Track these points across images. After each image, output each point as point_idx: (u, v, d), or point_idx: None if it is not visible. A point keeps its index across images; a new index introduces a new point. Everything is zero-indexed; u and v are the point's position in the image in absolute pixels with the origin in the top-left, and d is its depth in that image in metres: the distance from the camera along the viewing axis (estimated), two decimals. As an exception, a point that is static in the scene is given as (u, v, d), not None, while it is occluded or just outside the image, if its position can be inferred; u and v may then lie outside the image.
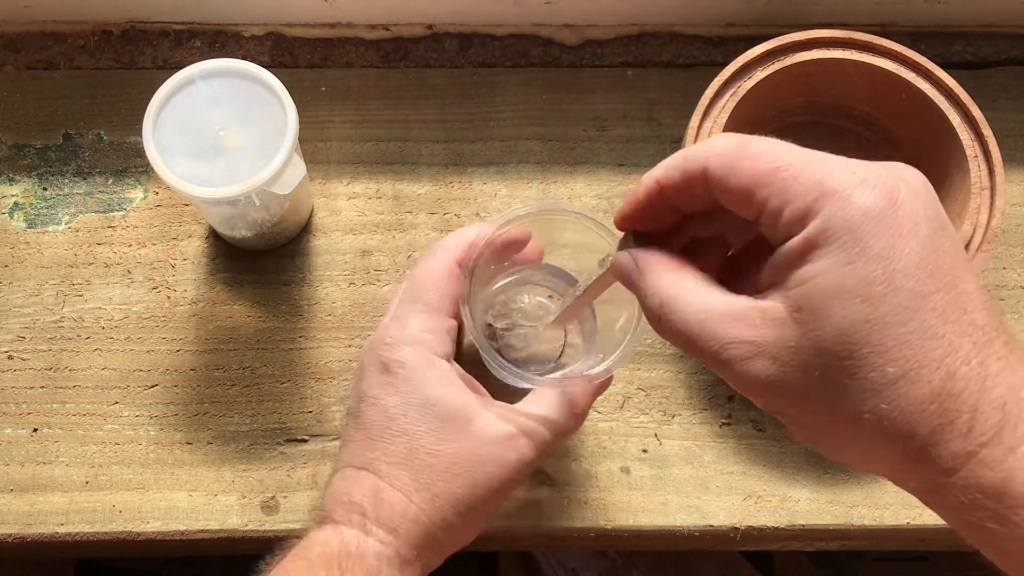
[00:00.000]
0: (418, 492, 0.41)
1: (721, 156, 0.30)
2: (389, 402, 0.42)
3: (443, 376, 0.42)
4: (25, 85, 0.61)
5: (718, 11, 0.61)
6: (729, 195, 0.30)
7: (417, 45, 0.62)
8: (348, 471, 0.43)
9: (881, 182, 0.28)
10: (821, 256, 0.28)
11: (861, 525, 0.52)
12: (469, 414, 0.42)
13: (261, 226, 0.54)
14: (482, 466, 0.41)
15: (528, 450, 0.42)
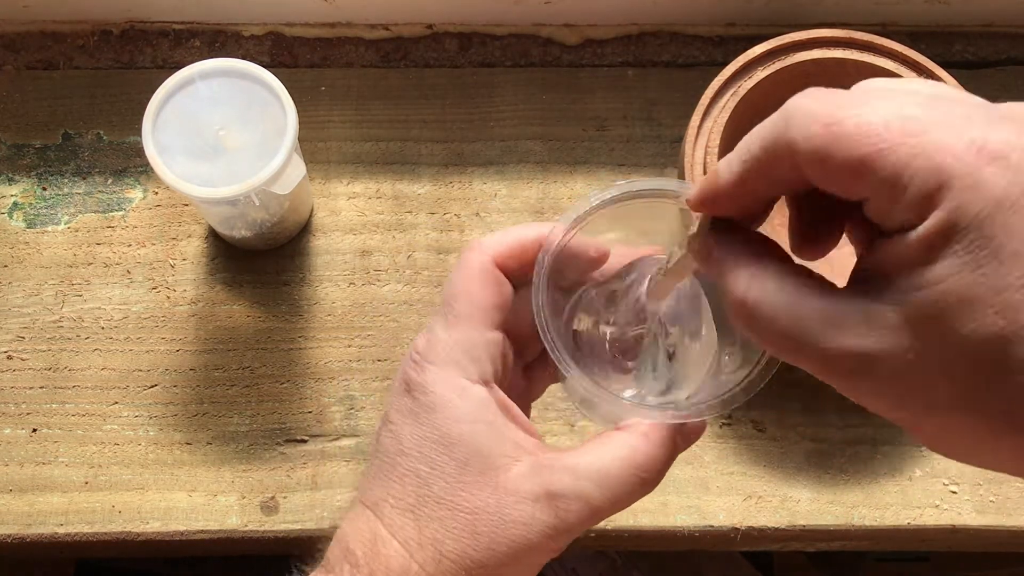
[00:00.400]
0: (421, 549, 0.34)
1: (808, 139, 0.25)
2: (405, 433, 0.35)
3: (474, 409, 0.34)
4: (24, 85, 0.61)
5: (718, 11, 0.61)
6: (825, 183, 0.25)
7: (417, 45, 0.62)
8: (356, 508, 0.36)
9: (1016, 157, 0.23)
10: (946, 256, 0.23)
11: (861, 525, 0.52)
12: (500, 461, 0.34)
13: (261, 226, 0.54)
14: (506, 528, 0.33)
15: (570, 515, 0.33)
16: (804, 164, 0.25)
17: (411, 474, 0.34)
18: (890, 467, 0.53)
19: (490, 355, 0.35)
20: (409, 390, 0.35)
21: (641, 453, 0.34)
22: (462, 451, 0.34)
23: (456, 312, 0.35)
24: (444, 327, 0.35)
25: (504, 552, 0.33)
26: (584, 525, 0.34)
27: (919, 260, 0.24)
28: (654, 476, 0.34)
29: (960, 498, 0.52)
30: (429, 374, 0.35)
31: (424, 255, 0.57)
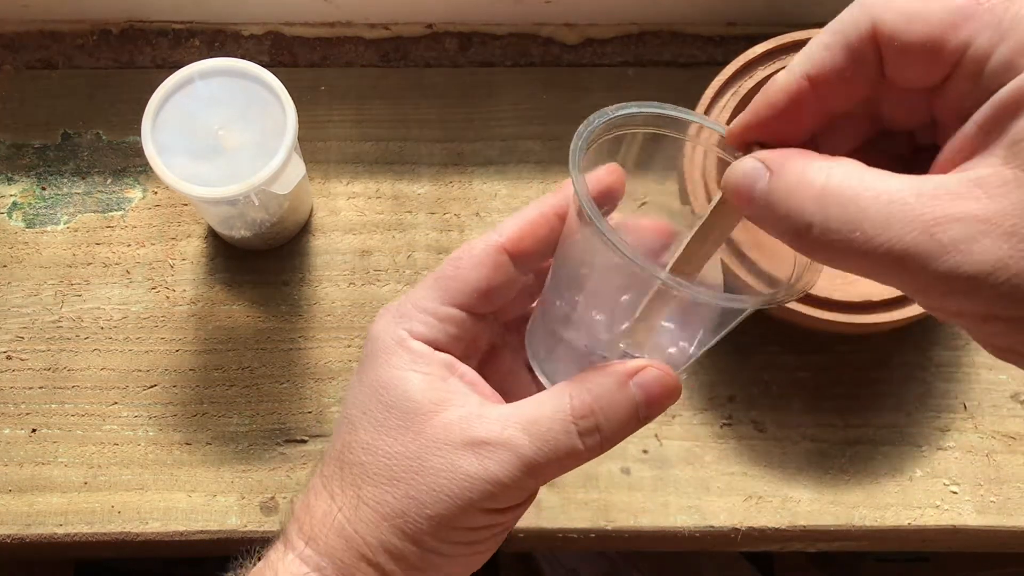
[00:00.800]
0: (343, 493, 0.32)
1: (895, 6, 0.22)
2: (352, 382, 0.34)
3: (411, 359, 0.33)
4: (24, 84, 0.60)
5: (719, 10, 0.61)
6: (909, 52, 0.23)
7: (417, 44, 0.62)
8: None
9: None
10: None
11: (862, 526, 0.52)
12: (429, 407, 0.32)
13: (260, 226, 0.53)
14: (426, 475, 0.31)
15: (496, 466, 0.30)
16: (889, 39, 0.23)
17: (346, 420, 0.33)
18: (891, 467, 0.53)
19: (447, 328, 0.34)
20: (366, 341, 0.35)
21: (577, 398, 0.31)
22: (391, 395, 0.32)
23: (436, 277, 0.34)
24: (419, 287, 0.34)
25: (425, 502, 0.31)
26: (515, 479, 0.31)
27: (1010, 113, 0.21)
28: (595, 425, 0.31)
29: (961, 498, 0.52)
30: (379, 324, 0.34)
31: (424, 255, 0.57)
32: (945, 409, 0.54)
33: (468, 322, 0.34)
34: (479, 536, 0.32)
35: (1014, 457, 0.53)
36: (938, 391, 0.54)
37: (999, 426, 0.54)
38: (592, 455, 0.31)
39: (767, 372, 0.54)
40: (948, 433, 0.53)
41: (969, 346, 0.55)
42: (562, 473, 0.31)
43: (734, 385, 0.54)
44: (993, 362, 0.54)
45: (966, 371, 0.55)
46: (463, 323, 0.34)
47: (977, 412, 0.54)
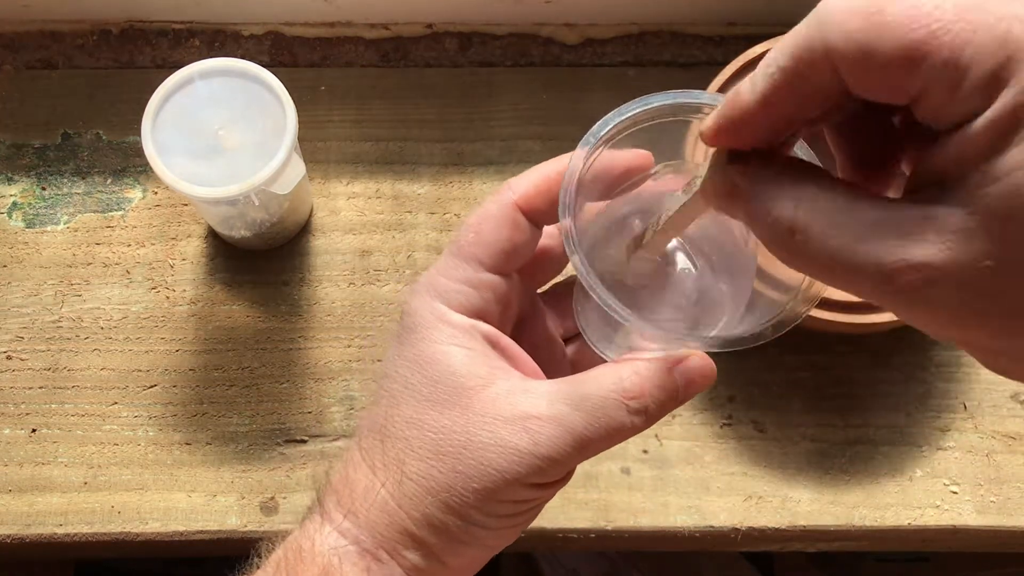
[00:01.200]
0: (385, 469, 0.32)
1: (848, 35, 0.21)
2: (388, 356, 0.34)
3: (453, 333, 0.33)
4: (24, 84, 0.60)
5: (719, 10, 0.61)
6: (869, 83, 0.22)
7: (417, 44, 0.62)
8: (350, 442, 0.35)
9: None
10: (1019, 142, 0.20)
11: (862, 526, 0.52)
12: (475, 382, 0.32)
13: (260, 226, 0.53)
14: (476, 450, 0.31)
15: (547, 441, 0.31)
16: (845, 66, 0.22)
17: (386, 394, 0.33)
18: (891, 467, 0.53)
19: (483, 294, 0.34)
20: (400, 316, 0.34)
21: (630, 381, 0.31)
22: (435, 370, 0.32)
23: (459, 246, 0.34)
24: (444, 259, 0.34)
25: (471, 476, 0.31)
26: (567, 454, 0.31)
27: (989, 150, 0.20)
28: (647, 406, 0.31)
29: (961, 498, 0.52)
30: (416, 299, 0.34)
31: (424, 255, 0.57)
32: (945, 409, 0.54)
33: (502, 285, 0.34)
34: (520, 509, 0.33)
35: (1014, 457, 0.53)
36: (938, 391, 0.54)
37: (999, 426, 0.54)
38: (637, 432, 0.32)
39: (767, 372, 0.54)
40: (948, 433, 0.53)
41: (969, 346, 0.55)
42: (607, 448, 0.32)
43: (734, 385, 0.54)
44: (993, 362, 0.54)
45: (966, 371, 0.55)
46: (497, 286, 0.34)
47: (977, 412, 0.54)
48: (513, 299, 0.35)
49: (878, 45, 0.21)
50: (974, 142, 0.21)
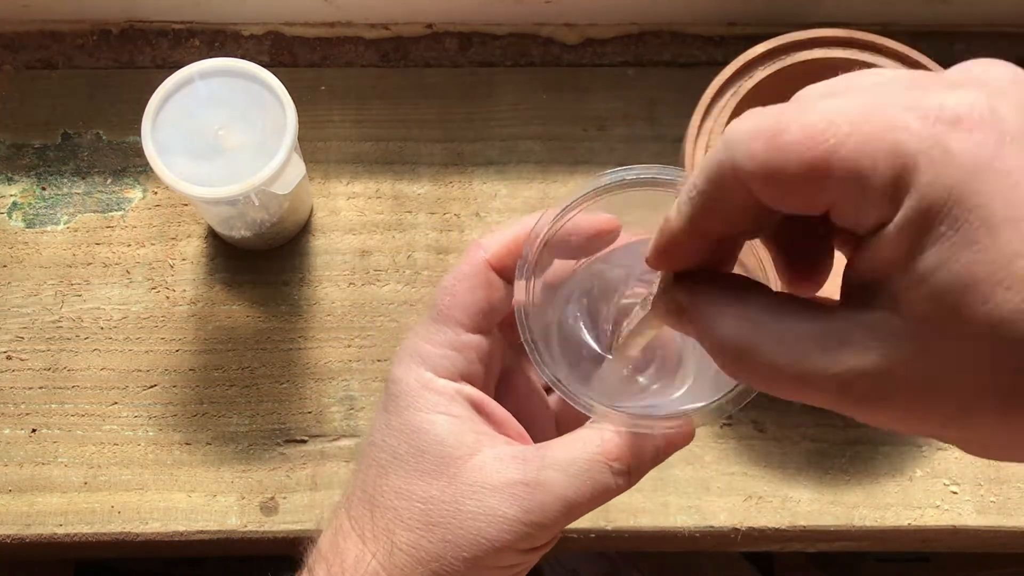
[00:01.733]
0: (375, 540, 0.32)
1: (753, 158, 0.22)
2: (375, 424, 0.35)
3: (438, 401, 0.33)
4: (24, 84, 0.60)
5: (719, 10, 0.61)
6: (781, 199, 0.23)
7: (417, 44, 0.62)
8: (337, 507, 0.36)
9: (978, 115, 0.20)
10: (933, 242, 0.20)
11: (862, 526, 0.52)
12: (462, 451, 0.32)
13: (260, 226, 0.53)
14: (465, 520, 0.31)
15: (536, 507, 0.31)
16: (755, 186, 0.22)
17: (374, 464, 0.34)
18: (891, 467, 0.53)
19: (466, 355, 0.34)
20: (386, 383, 0.35)
21: (613, 444, 0.32)
22: (422, 439, 0.33)
23: (439, 310, 0.35)
24: (424, 324, 0.35)
25: (461, 545, 0.31)
26: (555, 519, 0.32)
27: (905, 254, 0.21)
28: (629, 468, 0.32)
29: (961, 498, 0.52)
30: (400, 368, 0.34)
31: (424, 255, 0.57)
32: (945, 409, 0.54)
33: (483, 344, 0.35)
34: (507, 574, 0.33)
35: (1014, 457, 0.53)
36: (938, 391, 0.54)
37: (999, 426, 0.53)
38: (621, 492, 0.33)
39: (767, 372, 0.54)
40: (948, 433, 0.53)
41: (969, 346, 0.55)
42: (592, 510, 0.33)
43: (734, 385, 0.54)
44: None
45: (966, 371, 0.54)
46: (479, 346, 0.35)
47: (977, 412, 0.54)
48: (496, 355, 0.36)
49: (782, 166, 0.21)
50: (891, 247, 0.21)
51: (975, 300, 0.20)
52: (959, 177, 0.20)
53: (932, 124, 0.20)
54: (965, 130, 0.20)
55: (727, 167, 0.23)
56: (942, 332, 0.21)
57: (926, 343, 0.21)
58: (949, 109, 0.20)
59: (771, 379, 0.24)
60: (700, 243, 0.25)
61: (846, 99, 0.22)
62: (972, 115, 0.20)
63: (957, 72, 0.22)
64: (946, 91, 0.21)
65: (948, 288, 0.20)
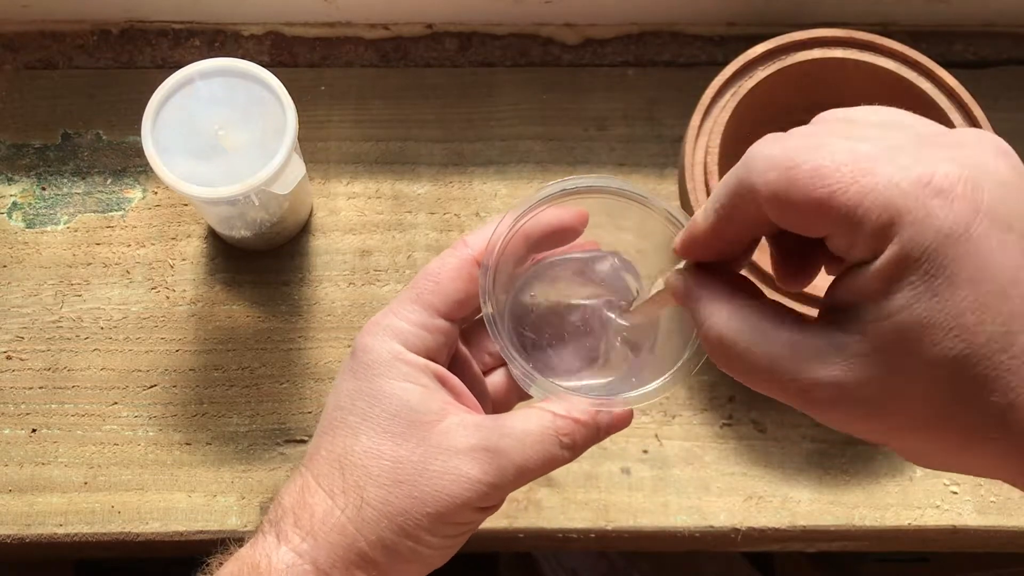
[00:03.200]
0: (344, 495, 0.35)
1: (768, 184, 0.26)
2: (343, 389, 0.37)
3: (409, 371, 0.36)
4: (24, 84, 0.60)
5: (719, 10, 0.61)
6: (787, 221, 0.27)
7: (417, 44, 0.62)
8: (295, 470, 0.38)
9: (961, 188, 0.24)
10: (903, 288, 0.25)
11: (862, 526, 0.52)
12: (429, 416, 0.36)
13: (260, 226, 0.53)
14: (430, 478, 0.35)
15: (494, 470, 0.35)
16: (766, 207, 0.27)
17: (343, 425, 0.36)
18: (891, 467, 0.53)
19: (432, 337, 0.37)
20: (354, 352, 0.37)
21: (563, 420, 0.36)
22: (392, 404, 0.36)
23: (418, 292, 0.38)
24: (400, 302, 0.38)
25: (426, 501, 0.34)
26: (509, 481, 0.36)
27: (879, 291, 0.25)
28: (576, 441, 0.37)
29: (961, 498, 0.52)
30: (373, 338, 0.37)
31: (424, 255, 0.57)
32: (945, 409, 0.54)
33: (451, 330, 0.38)
34: (462, 530, 0.37)
35: (1014, 457, 0.53)
36: (938, 391, 0.54)
37: (999, 426, 0.53)
38: (566, 463, 0.37)
39: (767, 372, 0.54)
40: (948, 433, 0.53)
41: (969, 346, 0.55)
42: (540, 476, 0.37)
43: (734, 385, 0.54)
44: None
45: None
46: (448, 332, 0.38)
47: (977, 412, 0.54)
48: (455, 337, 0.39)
49: (791, 196, 0.26)
50: (869, 283, 0.25)
51: (929, 341, 0.24)
52: (936, 239, 0.24)
53: (922, 189, 0.24)
54: (948, 200, 0.24)
55: (745, 187, 0.27)
56: (898, 361, 0.25)
57: (883, 368, 0.25)
58: (938, 179, 0.24)
59: (745, 372, 0.28)
60: (720, 241, 0.30)
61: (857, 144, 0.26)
62: (956, 187, 0.24)
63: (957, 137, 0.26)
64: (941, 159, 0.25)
65: (909, 327, 0.25)
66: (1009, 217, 0.25)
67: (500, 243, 0.37)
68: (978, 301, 0.24)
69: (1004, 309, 0.24)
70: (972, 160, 0.25)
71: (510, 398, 0.42)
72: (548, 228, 0.38)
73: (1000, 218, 0.24)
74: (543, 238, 0.38)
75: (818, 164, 0.25)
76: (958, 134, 0.27)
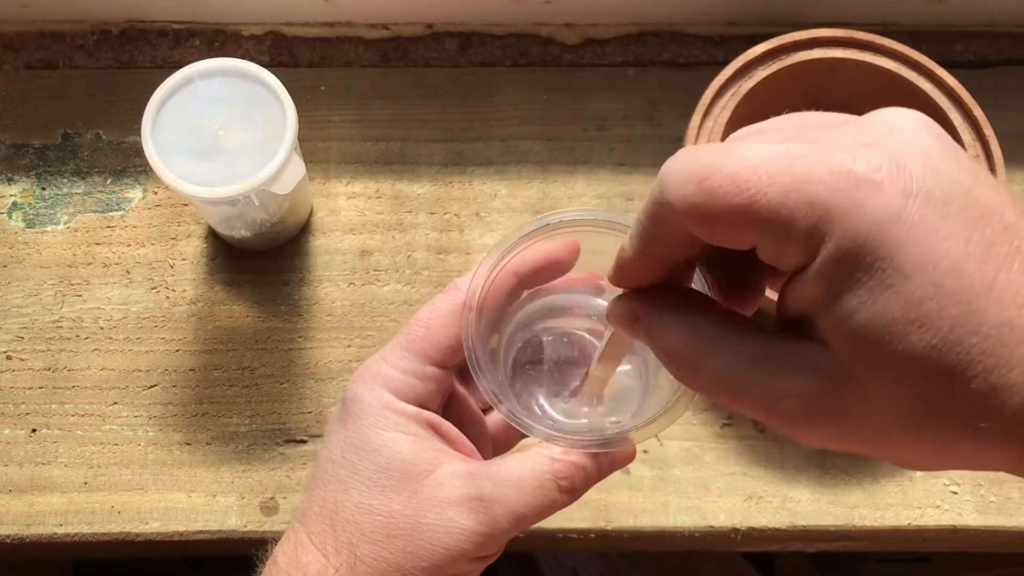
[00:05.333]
0: (337, 553, 0.34)
1: (684, 199, 0.24)
2: (333, 441, 0.36)
3: (399, 421, 0.36)
4: (24, 84, 0.60)
5: (719, 10, 0.61)
6: (711, 235, 0.25)
7: (417, 44, 0.62)
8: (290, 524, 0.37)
9: (887, 171, 0.23)
10: (851, 286, 0.23)
11: (862, 526, 0.52)
12: (420, 467, 0.35)
13: (260, 226, 0.53)
14: (425, 531, 0.34)
15: (488, 520, 0.34)
16: (688, 223, 0.25)
17: (334, 479, 0.35)
18: (891, 467, 0.53)
19: (427, 385, 0.36)
20: (344, 401, 0.37)
21: (560, 463, 0.35)
22: (382, 456, 0.35)
23: (409, 339, 0.37)
24: (392, 349, 0.37)
25: (420, 555, 0.34)
26: (506, 530, 0.34)
27: (826, 296, 0.23)
28: (575, 484, 0.35)
29: (961, 498, 0.52)
30: (362, 387, 0.36)
31: (424, 255, 0.57)
32: (945, 409, 0.54)
33: (444, 377, 0.37)
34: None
35: (1014, 457, 0.53)
36: (938, 391, 0.54)
37: (999, 426, 0.53)
38: (565, 506, 0.35)
39: (767, 372, 0.54)
40: (948, 433, 0.53)
41: (969, 346, 0.55)
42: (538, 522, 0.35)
43: (734, 385, 0.54)
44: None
45: (966, 371, 0.54)
46: (440, 379, 0.37)
47: (977, 412, 0.54)
48: (448, 381, 0.38)
49: (709, 208, 0.24)
50: (811, 288, 0.24)
51: (892, 339, 0.23)
52: (870, 229, 0.22)
53: (845, 179, 0.23)
54: (875, 185, 0.22)
55: (662, 204, 0.25)
56: (863, 367, 0.23)
57: (849, 376, 0.24)
58: (860, 166, 0.23)
59: (710, 388, 0.27)
60: (652, 265, 0.28)
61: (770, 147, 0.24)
62: (881, 171, 0.22)
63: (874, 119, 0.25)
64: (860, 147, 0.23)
65: (867, 328, 0.23)
66: (943, 190, 0.23)
67: (484, 283, 0.36)
68: (935, 286, 0.22)
69: (963, 288, 0.22)
70: (893, 141, 0.24)
71: (512, 434, 0.41)
72: (537, 263, 0.36)
73: (935, 194, 0.23)
74: (533, 273, 0.37)
75: (733, 170, 0.24)
76: (871, 117, 0.25)
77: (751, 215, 0.23)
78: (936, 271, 0.22)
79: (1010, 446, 0.24)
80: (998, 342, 0.22)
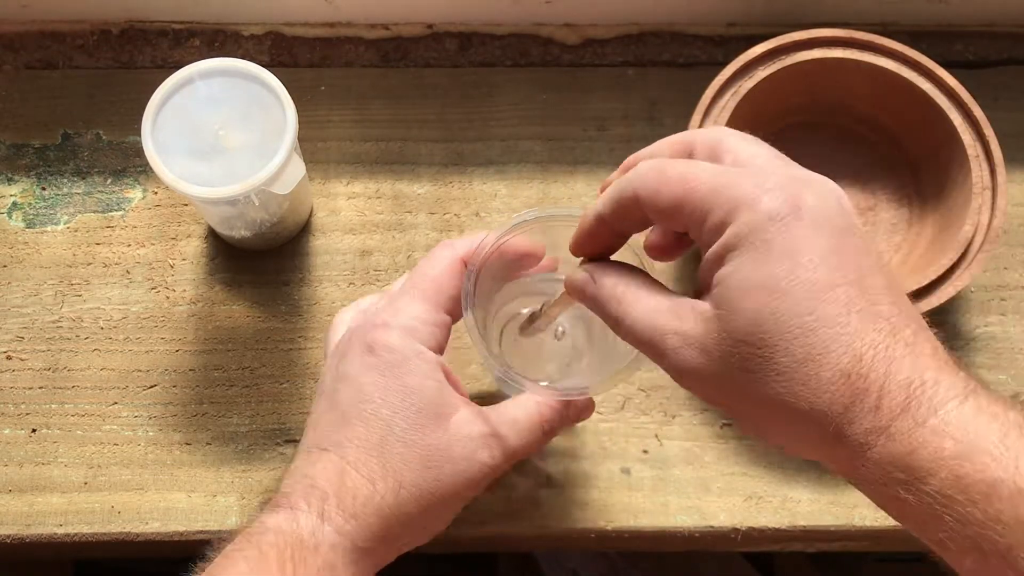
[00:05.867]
0: (384, 480, 0.40)
1: (644, 182, 0.33)
2: (368, 384, 0.41)
3: (428, 367, 0.41)
4: (24, 85, 0.60)
5: (719, 10, 0.61)
6: (659, 215, 0.33)
7: (417, 44, 0.62)
8: (314, 453, 0.41)
9: (788, 191, 0.31)
10: (734, 258, 0.31)
11: (862, 526, 0.52)
12: (447, 409, 0.41)
13: (260, 226, 0.53)
14: (453, 463, 0.40)
15: (499, 454, 0.41)
16: (643, 205, 0.33)
17: (374, 417, 0.41)
18: (891, 467, 0.53)
19: (442, 332, 0.43)
20: (372, 350, 0.42)
21: (546, 409, 0.43)
22: (419, 399, 0.41)
23: (422, 291, 0.43)
24: (409, 302, 0.43)
25: (448, 483, 0.40)
26: (504, 466, 0.42)
27: (718, 263, 0.31)
28: (553, 428, 0.43)
29: (961, 498, 0.52)
30: (394, 337, 0.42)
31: (424, 255, 0.57)
32: (945, 409, 0.54)
33: (450, 325, 0.44)
34: (461, 507, 0.43)
35: (1014, 457, 0.53)
36: (938, 391, 0.54)
37: (999, 426, 0.53)
38: (543, 446, 0.45)
39: (767, 372, 0.54)
40: (948, 433, 0.53)
41: (968, 346, 0.55)
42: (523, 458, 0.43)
43: (734, 385, 0.54)
44: (993, 362, 0.54)
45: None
46: (448, 325, 0.44)
47: (977, 412, 0.54)
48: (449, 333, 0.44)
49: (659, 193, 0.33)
50: (710, 260, 0.32)
51: (747, 298, 0.30)
52: (761, 221, 0.30)
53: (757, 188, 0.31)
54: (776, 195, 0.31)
55: (630, 191, 0.33)
56: (726, 317, 0.31)
57: (718, 323, 0.31)
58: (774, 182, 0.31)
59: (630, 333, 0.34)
60: (606, 237, 0.36)
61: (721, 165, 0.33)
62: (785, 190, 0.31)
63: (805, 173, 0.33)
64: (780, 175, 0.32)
65: (732, 288, 0.31)
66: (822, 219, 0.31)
67: (486, 252, 0.42)
68: (790, 270, 0.30)
69: (811, 279, 0.30)
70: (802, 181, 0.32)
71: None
72: (517, 252, 0.43)
73: (817, 217, 0.31)
74: (514, 260, 0.44)
75: (685, 168, 0.33)
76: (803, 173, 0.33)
77: (684, 205, 0.32)
78: (797, 261, 0.30)
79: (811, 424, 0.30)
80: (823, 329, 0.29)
